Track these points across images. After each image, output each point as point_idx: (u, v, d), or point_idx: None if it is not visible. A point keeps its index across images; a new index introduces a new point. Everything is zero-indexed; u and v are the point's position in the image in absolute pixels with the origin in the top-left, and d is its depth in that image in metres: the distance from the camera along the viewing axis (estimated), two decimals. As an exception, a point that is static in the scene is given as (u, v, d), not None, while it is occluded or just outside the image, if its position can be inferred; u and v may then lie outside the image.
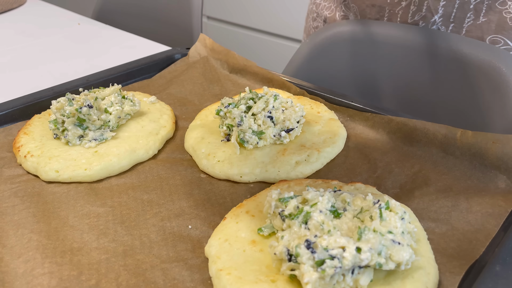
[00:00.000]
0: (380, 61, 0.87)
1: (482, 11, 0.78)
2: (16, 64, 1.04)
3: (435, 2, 0.80)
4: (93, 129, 0.64)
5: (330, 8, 0.99)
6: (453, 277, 0.43)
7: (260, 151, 0.62)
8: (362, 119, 0.69)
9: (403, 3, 0.84)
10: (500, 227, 0.48)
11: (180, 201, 0.56)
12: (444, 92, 0.82)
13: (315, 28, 1.06)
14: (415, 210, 0.52)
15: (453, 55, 0.78)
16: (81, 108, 0.63)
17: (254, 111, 0.64)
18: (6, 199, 0.56)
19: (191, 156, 0.65)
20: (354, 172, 0.60)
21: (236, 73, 0.87)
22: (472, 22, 0.80)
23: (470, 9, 0.79)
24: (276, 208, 0.46)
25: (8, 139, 0.68)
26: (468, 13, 0.79)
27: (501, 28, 0.78)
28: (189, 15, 1.46)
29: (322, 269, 0.38)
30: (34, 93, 0.76)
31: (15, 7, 1.45)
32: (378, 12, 0.89)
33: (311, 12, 1.08)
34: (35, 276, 0.45)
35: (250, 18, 2.22)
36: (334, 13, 0.98)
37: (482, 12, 0.78)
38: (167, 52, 0.95)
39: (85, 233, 0.51)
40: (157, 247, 0.49)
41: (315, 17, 1.05)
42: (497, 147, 0.56)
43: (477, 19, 0.79)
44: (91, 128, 0.64)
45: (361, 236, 0.40)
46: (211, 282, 0.44)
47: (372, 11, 0.90)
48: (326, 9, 1.00)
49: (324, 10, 1.01)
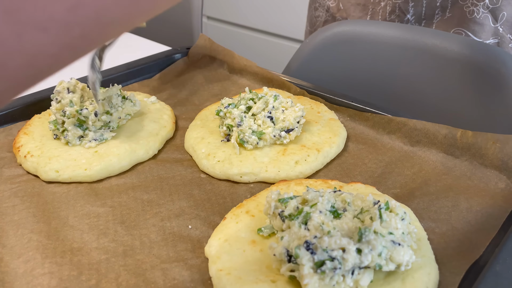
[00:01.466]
0: (380, 61, 0.88)
1: (448, 7, 0.86)
2: (16, 64, 1.04)
3: (405, 4, 0.89)
4: (93, 130, 0.64)
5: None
6: (453, 277, 0.43)
7: (260, 151, 0.62)
8: (362, 119, 0.69)
9: (382, 3, 0.91)
10: (500, 227, 0.48)
11: (180, 201, 0.56)
12: (444, 92, 0.82)
13: (316, 18, 1.09)
14: (415, 210, 0.52)
15: (453, 55, 0.78)
16: (81, 109, 0.63)
17: (254, 111, 0.64)
18: (6, 199, 0.56)
19: (191, 156, 0.65)
20: (354, 172, 0.60)
21: (236, 73, 0.87)
22: (440, 18, 0.88)
23: (437, 6, 0.87)
24: (276, 208, 0.46)
25: (8, 139, 0.68)
26: (436, 10, 0.88)
27: (462, 21, 0.86)
28: (189, 15, 1.46)
29: (321, 270, 0.38)
30: (34, 93, 0.76)
31: (15, 7, 1.45)
32: (363, 10, 0.95)
33: (313, 2, 1.09)
34: (35, 276, 0.45)
35: (250, 18, 2.22)
36: (337, 2, 0.99)
37: (448, 8, 0.86)
38: (167, 52, 0.95)
39: (85, 233, 0.51)
40: (157, 247, 0.49)
41: (317, 6, 1.07)
42: (497, 147, 0.56)
43: (444, 15, 0.88)
44: (91, 129, 0.64)
45: (362, 237, 0.40)
46: (211, 282, 0.44)
47: (356, 10, 0.96)
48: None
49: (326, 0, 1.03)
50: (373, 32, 0.87)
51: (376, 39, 0.86)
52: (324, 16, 1.06)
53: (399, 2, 0.90)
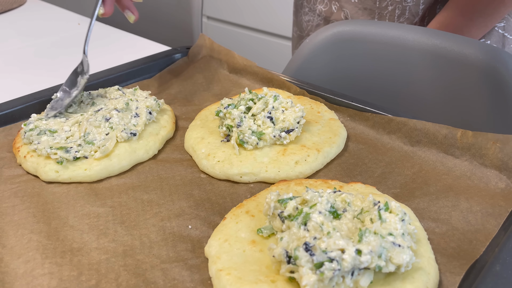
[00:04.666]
0: (380, 61, 0.88)
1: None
2: (16, 64, 1.04)
3: (415, 7, 0.91)
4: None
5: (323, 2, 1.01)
6: (453, 277, 0.43)
7: (260, 151, 0.62)
8: (362, 119, 0.69)
9: (390, 8, 0.92)
10: (500, 227, 0.48)
11: (180, 201, 0.56)
12: (444, 92, 0.82)
13: (307, 22, 1.09)
14: (416, 210, 0.52)
15: (453, 56, 0.78)
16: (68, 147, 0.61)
17: (254, 111, 0.64)
18: (6, 199, 0.56)
19: (191, 156, 0.65)
20: (354, 172, 0.60)
21: (236, 73, 0.87)
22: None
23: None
24: (275, 209, 0.46)
25: (8, 139, 0.68)
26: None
27: None
28: (189, 15, 1.46)
29: (320, 271, 0.38)
30: (34, 93, 0.76)
31: (15, 7, 1.45)
32: (369, 14, 0.95)
33: (301, 7, 1.09)
34: (35, 277, 0.45)
35: (250, 18, 2.22)
36: (329, 6, 0.99)
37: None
38: (167, 52, 0.95)
39: (85, 233, 0.51)
40: (157, 247, 0.49)
41: (306, 11, 1.07)
42: (497, 147, 0.56)
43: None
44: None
45: (362, 238, 0.40)
46: (211, 282, 0.44)
47: (364, 14, 0.96)
48: (320, 3, 1.02)
49: (317, 4, 1.03)
50: (373, 32, 0.87)
51: (376, 39, 0.86)
52: (315, 20, 1.06)
53: (410, 5, 0.90)
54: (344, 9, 0.98)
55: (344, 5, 0.98)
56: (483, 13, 0.85)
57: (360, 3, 0.95)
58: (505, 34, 0.90)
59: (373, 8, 0.94)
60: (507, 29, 0.89)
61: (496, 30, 0.89)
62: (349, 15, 0.98)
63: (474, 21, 0.86)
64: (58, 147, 0.60)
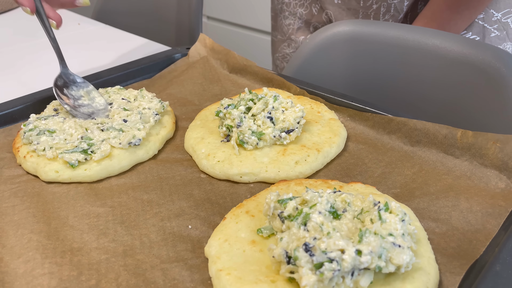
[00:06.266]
0: (380, 61, 0.88)
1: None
2: (16, 64, 1.04)
3: (400, 4, 0.92)
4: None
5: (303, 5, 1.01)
6: (453, 277, 0.43)
7: (260, 151, 0.62)
8: (362, 119, 0.69)
9: (374, 6, 0.93)
10: (500, 227, 0.48)
11: (180, 201, 0.56)
12: (444, 92, 0.82)
13: (287, 26, 1.09)
14: (416, 210, 0.52)
15: (453, 55, 0.78)
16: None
17: (254, 112, 0.64)
18: (6, 199, 0.56)
19: (191, 156, 0.65)
20: (354, 172, 0.60)
21: (236, 73, 0.87)
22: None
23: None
24: (275, 209, 0.46)
25: (8, 139, 0.68)
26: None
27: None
28: (189, 15, 1.46)
29: (320, 272, 0.38)
30: (34, 93, 0.76)
31: (15, 7, 1.45)
32: (353, 14, 0.96)
33: (280, 11, 1.09)
34: (35, 277, 0.45)
35: (250, 18, 2.22)
36: (310, 9, 1.00)
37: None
38: (167, 52, 0.95)
39: (85, 233, 0.51)
40: (157, 247, 0.49)
41: (286, 15, 1.08)
42: (497, 147, 0.56)
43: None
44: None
45: (362, 239, 0.40)
46: (211, 282, 0.44)
47: (348, 15, 0.97)
48: (300, 7, 1.02)
49: (297, 8, 1.03)
50: (373, 32, 0.87)
51: (376, 39, 0.86)
52: (296, 24, 1.07)
53: (395, 2, 0.91)
54: (327, 10, 0.99)
55: (328, 6, 0.98)
56: (469, 5, 0.86)
57: (343, 4, 0.96)
58: (485, 25, 0.90)
59: (357, 8, 0.95)
60: (486, 20, 0.90)
61: (476, 21, 0.90)
62: (332, 16, 0.99)
63: (461, 13, 0.87)
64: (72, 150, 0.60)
